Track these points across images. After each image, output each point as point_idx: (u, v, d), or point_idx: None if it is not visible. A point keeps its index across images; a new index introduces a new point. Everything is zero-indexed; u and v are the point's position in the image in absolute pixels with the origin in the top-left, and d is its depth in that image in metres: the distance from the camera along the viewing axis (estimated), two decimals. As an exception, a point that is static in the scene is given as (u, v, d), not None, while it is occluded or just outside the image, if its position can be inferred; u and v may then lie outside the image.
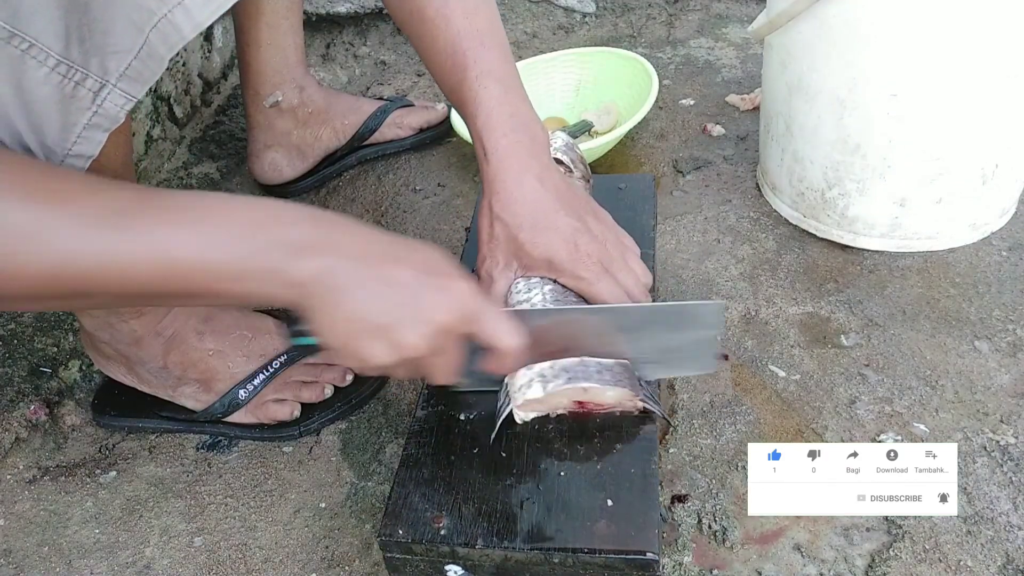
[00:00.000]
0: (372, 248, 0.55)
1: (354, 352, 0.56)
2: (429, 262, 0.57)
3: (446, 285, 0.56)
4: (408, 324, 0.55)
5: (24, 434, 0.86)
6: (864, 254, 0.94)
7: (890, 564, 0.65)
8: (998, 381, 0.78)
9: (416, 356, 0.56)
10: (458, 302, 0.56)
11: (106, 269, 0.49)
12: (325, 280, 0.53)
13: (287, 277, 0.52)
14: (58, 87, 0.51)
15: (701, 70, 1.33)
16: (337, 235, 0.55)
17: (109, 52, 0.52)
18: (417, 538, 0.59)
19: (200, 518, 0.78)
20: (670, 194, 1.07)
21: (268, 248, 0.52)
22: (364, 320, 0.54)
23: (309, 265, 0.52)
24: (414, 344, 0.55)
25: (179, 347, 0.81)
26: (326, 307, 0.54)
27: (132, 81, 0.54)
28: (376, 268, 0.54)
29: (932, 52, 0.80)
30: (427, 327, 0.55)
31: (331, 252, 0.53)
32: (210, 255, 0.51)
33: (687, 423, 0.78)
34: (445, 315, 0.55)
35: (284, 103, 1.12)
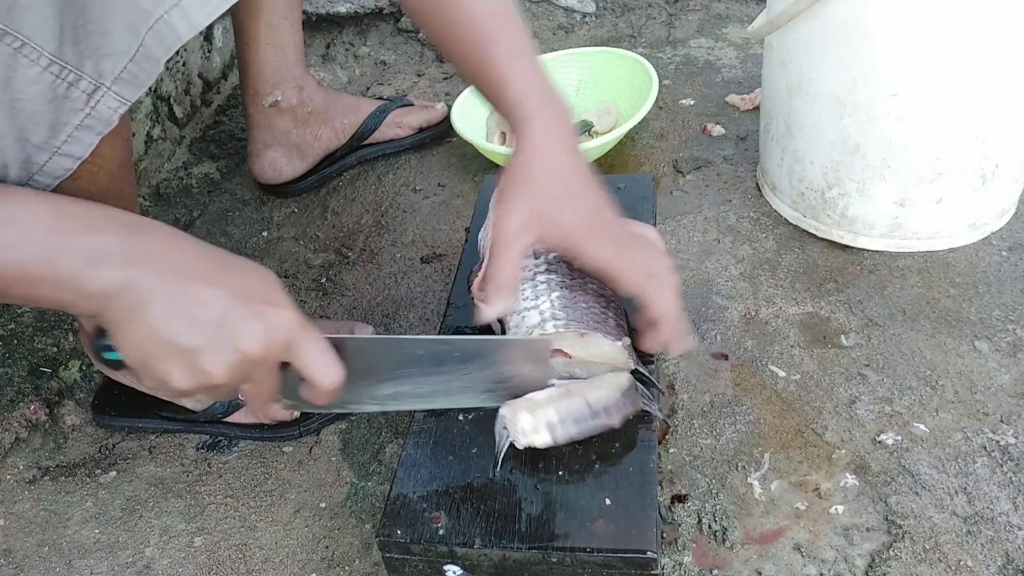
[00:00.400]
0: (186, 264, 0.52)
1: (152, 374, 0.53)
2: (248, 285, 0.53)
3: (261, 312, 0.52)
4: (212, 351, 0.51)
5: (24, 434, 0.87)
6: (864, 254, 0.94)
7: (890, 564, 0.65)
8: (998, 381, 0.78)
9: (220, 384, 0.53)
10: (271, 332, 0.52)
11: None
12: (126, 294, 0.50)
13: (82, 288, 0.49)
14: (50, 87, 0.51)
15: (701, 70, 1.33)
16: (149, 246, 0.52)
17: (104, 54, 0.52)
18: (416, 538, 0.59)
19: (200, 518, 0.78)
20: (670, 194, 1.07)
21: (65, 254, 0.49)
22: (165, 342, 0.51)
23: (107, 276, 0.49)
24: (216, 373, 0.52)
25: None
26: (125, 323, 0.51)
27: (127, 84, 0.54)
28: (186, 286, 0.51)
29: (932, 52, 0.80)
30: (232, 356, 0.52)
31: (137, 264, 0.50)
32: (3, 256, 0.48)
33: (687, 423, 0.78)
34: (254, 345, 0.52)
35: (283, 102, 1.12)
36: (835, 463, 0.73)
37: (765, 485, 0.72)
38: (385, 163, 1.22)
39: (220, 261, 0.54)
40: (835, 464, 0.73)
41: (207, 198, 1.20)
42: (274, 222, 1.15)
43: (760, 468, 0.74)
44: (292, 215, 1.16)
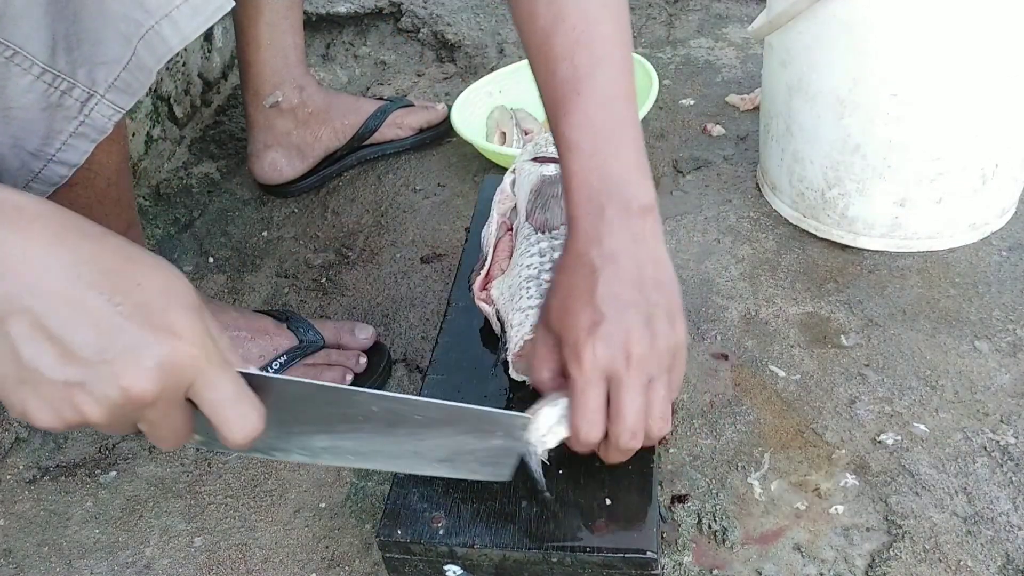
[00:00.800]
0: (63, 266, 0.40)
1: (10, 404, 0.42)
2: (147, 300, 0.41)
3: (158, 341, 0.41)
4: (86, 388, 0.40)
5: (24, 434, 0.86)
6: (864, 254, 0.94)
7: (890, 564, 0.65)
8: (998, 381, 0.78)
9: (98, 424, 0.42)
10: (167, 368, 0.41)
11: None
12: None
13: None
14: (43, 95, 0.51)
15: (701, 70, 1.33)
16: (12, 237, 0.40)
17: (98, 63, 0.52)
18: (416, 538, 0.59)
19: (200, 518, 0.78)
20: (670, 194, 1.07)
21: None
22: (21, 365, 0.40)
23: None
24: (92, 414, 0.41)
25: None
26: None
27: (120, 93, 0.54)
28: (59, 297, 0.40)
29: (932, 52, 0.80)
30: (113, 394, 0.40)
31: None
32: None
33: (687, 423, 0.78)
34: (142, 385, 0.40)
35: (284, 103, 1.12)
36: (835, 463, 0.73)
37: (765, 485, 0.72)
38: (385, 163, 1.22)
39: (114, 264, 0.42)
40: (835, 464, 0.73)
41: (207, 198, 1.20)
42: (274, 222, 1.15)
43: (760, 468, 0.74)
44: (292, 215, 1.16)
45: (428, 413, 0.53)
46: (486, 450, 0.56)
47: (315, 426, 0.53)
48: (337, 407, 0.52)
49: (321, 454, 0.55)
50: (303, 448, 0.54)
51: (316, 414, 0.52)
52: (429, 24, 1.47)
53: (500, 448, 0.57)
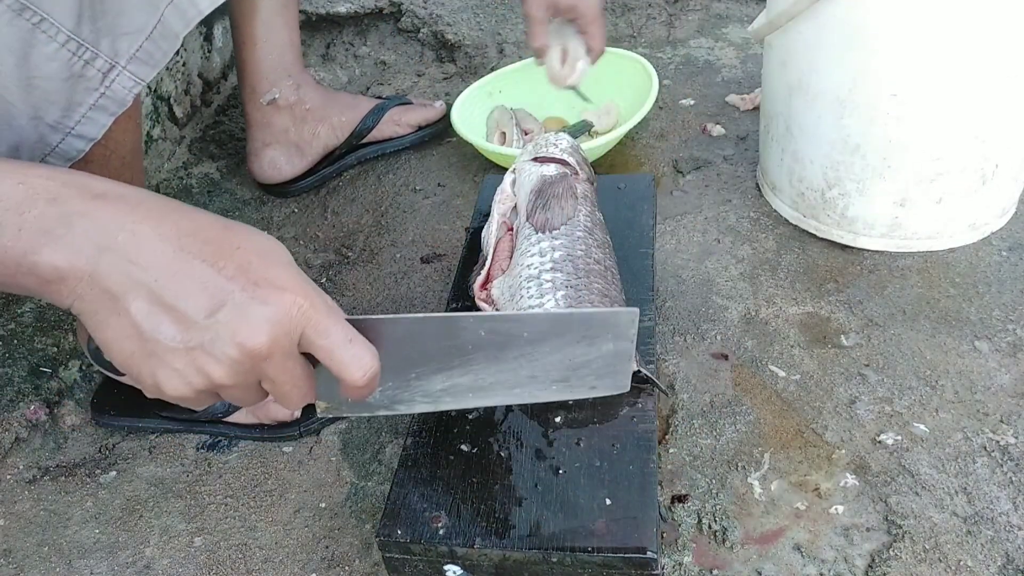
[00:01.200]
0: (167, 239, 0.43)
1: (140, 379, 0.44)
2: (247, 262, 0.44)
3: (263, 296, 0.43)
4: (205, 349, 0.43)
5: (24, 434, 0.86)
6: (864, 254, 0.94)
7: (890, 564, 0.65)
8: (998, 381, 0.78)
9: (226, 386, 0.45)
10: (277, 319, 0.43)
11: None
12: (94, 282, 0.42)
13: (37, 272, 0.41)
14: (67, 64, 0.50)
15: (701, 70, 1.33)
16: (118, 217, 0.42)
17: (121, 33, 0.52)
18: (416, 538, 0.59)
19: (200, 518, 0.78)
20: (670, 194, 1.07)
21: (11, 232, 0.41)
22: (149, 339, 0.42)
23: (69, 259, 0.41)
24: (216, 374, 0.43)
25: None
26: (100, 318, 0.43)
27: (142, 64, 0.53)
28: (169, 268, 0.42)
29: (932, 52, 0.80)
30: (233, 352, 0.43)
31: (105, 243, 0.41)
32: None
33: (687, 423, 0.78)
34: (257, 337, 0.43)
35: (281, 100, 1.12)
36: (835, 463, 0.73)
37: (765, 485, 0.72)
38: (385, 163, 1.22)
39: (212, 234, 0.44)
40: (835, 464, 0.73)
41: (207, 198, 1.20)
42: (274, 222, 1.15)
43: (760, 468, 0.74)
44: (292, 215, 1.16)
45: (535, 326, 0.53)
46: (600, 359, 0.56)
47: (429, 365, 0.53)
48: (446, 338, 0.52)
49: (442, 398, 0.55)
50: (424, 394, 0.55)
51: (427, 349, 0.52)
52: (429, 24, 1.47)
53: (612, 353, 0.56)
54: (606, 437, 0.65)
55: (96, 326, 0.43)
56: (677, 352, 0.85)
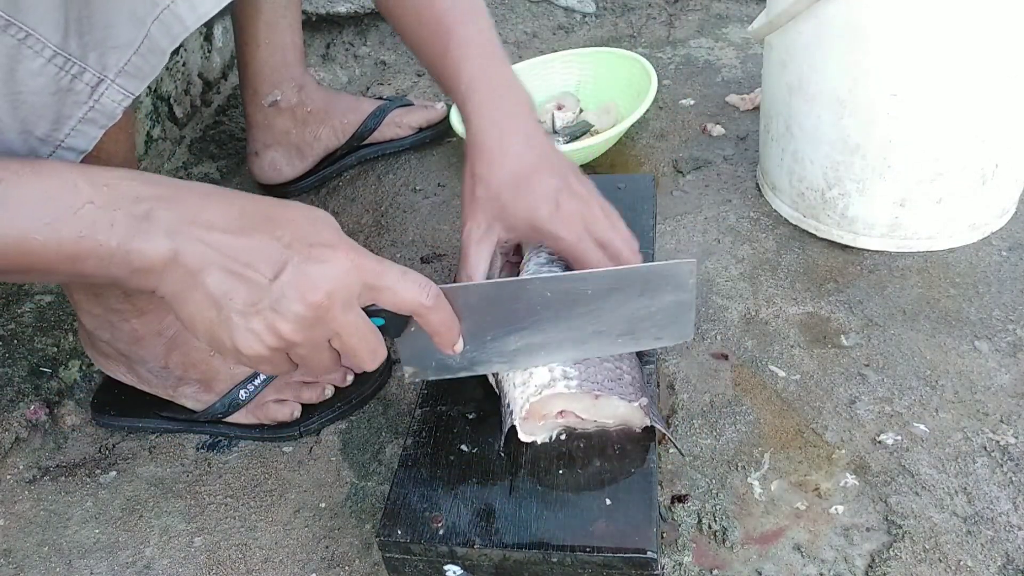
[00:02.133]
0: (230, 220, 0.49)
1: (222, 344, 0.50)
2: (301, 229, 0.50)
3: (320, 256, 0.50)
4: (274, 307, 0.49)
5: (24, 434, 0.87)
6: (864, 254, 0.94)
7: (890, 564, 0.65)
8: (998, 381, 0.78)
9: (296, 342, 0.50)
10: (336, 273, 0.50)
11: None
12: (176, 264, 0.48)
13: (130, 261, 0.47)
14: (54, 79, 0.50)
15: (701, 70, 1.33)
16: (189, 208, 0.49)
17: (109, 47, 0.52)
18: (416, 538, 0.59)
19: (200, 518, 0.78)
20: (670, 194, 1.07)
21: (106, 226, 0.46)
22: (222, 308, 0.48)
23: (152, 248, 0.47)
24: (286, 330, 0.49)
25: (181, 347, 0.81)
26: (183, 297, 0.49)
27: (131, 77, 0.54)
28: (234, 243, 0.48)
29: (932, 52, 0.80)
30: (299, 307, 0.49)
31: (181, 230, 0.48)
32: (38, 231, 0.46)
33: (687, 423, 0.78)
34: (319, 292, 0.49)
35: (283, 102, 1.12)
36: (835, 463, 0.73)
37: (765, 485, 0.72)
38: (385, 163, 1.22)
39: (265, 211, 0.51)
40: (835, 464, 0.73)
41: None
42: (274, 222, 1.15)
43: (760, 468, 0.74)
44: (292, 215, 1.16)
45: (597, 283, 0.58)
46: (662, 310, 0.60)
47: (503, 327, 0.59)
48: (516, 301, 0.58)
49: (516, 357, 0.61)
50: (500, 355, 0.60)
51: (500, 312, 0.58)
52: (429, 24, 1.46)
53: (673, 304, 0.60)
54: (606, 437, 0.65)
55: (180, 304, 0.49)
56: (677, 352, 0.85)
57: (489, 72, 0.70)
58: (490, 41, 0.72)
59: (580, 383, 0.62)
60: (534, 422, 0.64)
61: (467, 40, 0.70)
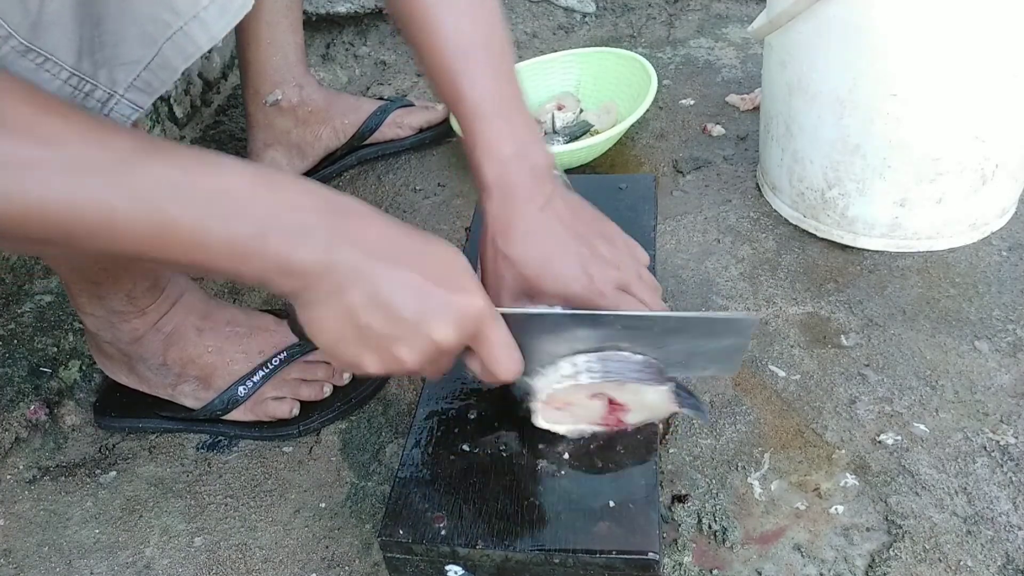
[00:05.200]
0: (385, 247, 0.52)
1: (341, 356, 0.54)
2: (441, 268, 0.54)
3: (456, 302, 0.53)
4: (406, 341, 0.52)
5: (24, 434, 0.86)
6: (864, 254, 0.94)
7: (890, 564, 0.65)
8: (998, 381, 0.78)
9: (412, 370, 0.54)
10: (464, 322, 0.53)
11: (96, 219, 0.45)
12: (328, 276, 0.50)
13: (287, 266, 0.49)
14: (68, 98, 0.52)
15: (701, 70, 1.33)
16: (351, 227, 0.51)
17: (118, 64, 0.53)
18: (417, 538, 0.59)
19: (200, 518, 0.78)
20: (670, 194, 1.07)
21: (275, 230, 0.49)
22: (358, 327, 0.52)
23: (312, 257, 0.50)
24: (409, 361, 0.53)
25: (179, 343, 0.81)
26: (323, 304, 0.51)
27: (139, 92, 0.55)
28: (385, 271, 0.51)
29: (932, 52, 0.80)
30: (427, 345, 0.53)
31: (340, 247, 0.50)
32: (210, 226, 0.47)
33: (687, 423, 0.78)
34: (448, 336, 0.53)
35: (284, 102, 1.12)
36: (835, 463, 0.73)
37: (765, 485, 0.72)
38: (385, 163, 1.22)
39: (415, 243, 0.54)
40: (835, 464, 0.73)
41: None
42: (274, 222, 1.15)
43: (760, 468, 0.74)
44: (292, 215, 1.16)
45: (666, 325, 0.62)
46: (719, 350, 0.63)
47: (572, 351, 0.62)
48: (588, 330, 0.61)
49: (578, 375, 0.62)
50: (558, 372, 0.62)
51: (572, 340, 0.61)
52: (429, 24, 1.46)
53: (731, 346, 0.63)
54: (608, 438, 0.65)
55: (315, 311, 0.52)
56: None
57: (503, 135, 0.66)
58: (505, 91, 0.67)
59: (604, 375, 0.62)
60: (554, 409, 0.64)
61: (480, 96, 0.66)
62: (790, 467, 0.73)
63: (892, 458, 0.73)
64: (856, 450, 0.74)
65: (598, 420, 0.65)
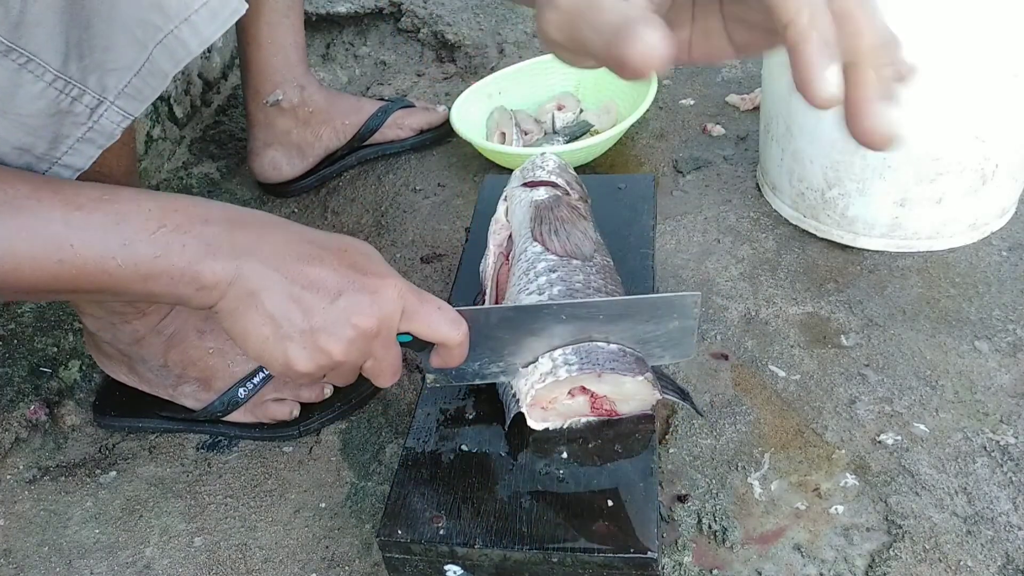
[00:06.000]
0: (291, 248, 0.53)
1: (272, 361, 0.54)
2: (354, 260, 0.55)
3: (370, 286, 0.54)
4: (327, 330, 0.53)
5: (24, 434, 0.86)
6: (864, 254, 0.94)
7: (890, 564, 0.65)
8: (998, 381, 0.78)
9: (342, 362, 0.54)
10: (383, 303, 0.54)
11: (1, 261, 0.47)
12: (239, 283, 0.51)
13: (198, 280, 0.51)
14: (54, 102, 0.51)
15: (701, 70, 1.33)
16: (254, 235, 0.53)
17: (108, 69, 0.52)
18: (416, 538, 0.59)
19: (200, 518, 0.78)
20: (670, 194, 1.07)
21: (177, 248, 0.50)
22: (279, 327, 0.52)
23: (220, 268, 0.51)
24: (336, 351, 0.53)
25: (179, 345, 0.81)
26: (241, 312, 0.52)
27: (130, 99, 0.54)
28: (294, 269, 0.52)
29: (932, 52, 0.80)
30: (350, 332, 0.53)
31: (245, 253, 0.51)
32: (114, 253, 0.49)
33: (687, 423, 0.78)
34: (369, 319, 0.54)
35: (285, 102, 1.12)
36: (835, 463, 0.73)
37: (765, 485, 0.72)
38: (385, 163, 1.22)
39: (321, 241, 0.55)
40: (835, 464, 0.73)
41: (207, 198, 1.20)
42: (274, 222, 1.15)
43: (760, 468, 0.74)
44: (292, 215, 1.16)
45: (609, 310, 0.63)
46: (667, 334, 0.64)
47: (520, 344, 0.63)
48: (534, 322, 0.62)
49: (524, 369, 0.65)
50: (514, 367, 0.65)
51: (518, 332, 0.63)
52: (429, 24, 1.47)
53: (678, 329, 0.64)
54: (607, 437, 0.65)
55: (235, 320, 0.53)
56: (677, 352, 0.85)
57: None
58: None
59: (581, 366, 0.62)
60: (540, 409, 0.64)
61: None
62: (790, 467, 0.73)
63: (892, 458, 0.73)
64: (856, 450, 0.74)
65: (587, 412, 0.66)
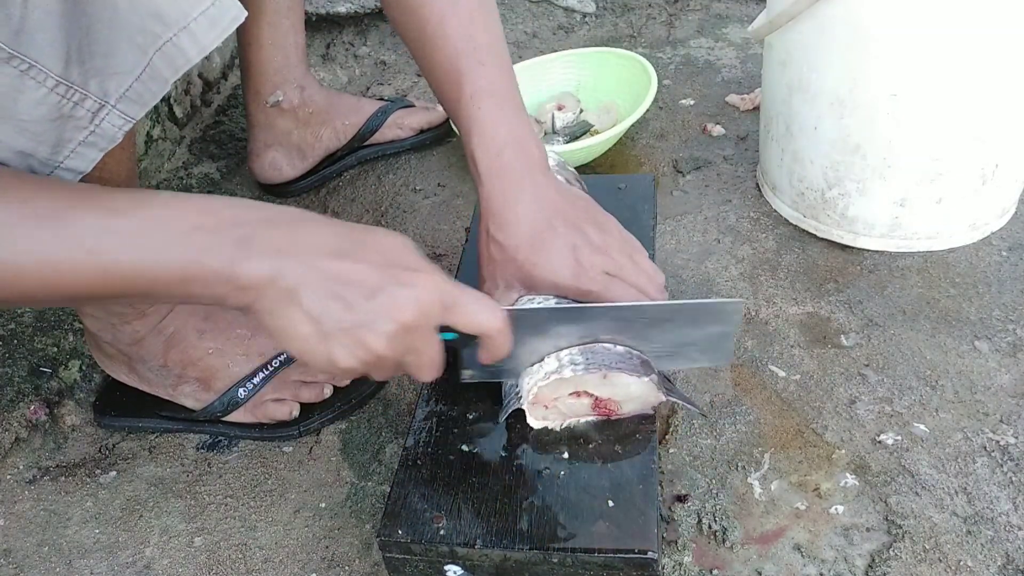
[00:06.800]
0: (327, 244, 0.53)
1: (314, 358, 0.54)
2: (390, 255, 0.54)
3: (408, 280, 0.53)
4: (368, 326, 0.52)
5: (24, 434, 0.86)
6: (864, 254, 0.94)
7: (890, 564, 0.65)
8: (998, 381, 0.78)
9: (384, 357, 0.54)
10: (422, 296, 0.54)
11: (41, 271, 0.48)
12: (277, 283, 0.51)
13: (235, 280, 0.50)
14: (56, 107, 0.51)
15: (701, 70, 1.33)
16: (289, 232, 0.52)
17: (109, 73, 0.53)
18: (416, 538, 0.59)
19: (200, 518, 0.78)
20: (670, 194, 1.07)
21: (214, 250, 0.50)
22: (320, 324, 0.52)
23: (258, 267, 0.50)
24: (377, 345, 0.53)
25: (179, 345, 0.81)
26: (279, 312, 0.52)
27: (131, 103, 0.54)
28: (331, 266, 0.52)
29: (932, 53, 0.80)
30: (390, 326, 0.53)
31: (282, 252, 0.51)
32: (151, 257, 0.49)
33: (687, 423, 0.78)
34: (408, 313, 0.53)
35: (285, 103, 1.12)
36: (835, 463, 0.73)
37: (765, 485, 0.72)
38: (385, 163, 1.22)
39: (357, 236, 0.55)
40: (835, 464, 0.73)
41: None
42: (274, 222, 1.15)
43: (760, 468, 0.74)
44: (292, 215, 1.16)
45: (655, 314, 0.63)
46: (707, 338, 0.65)
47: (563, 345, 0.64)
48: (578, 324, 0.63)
49: None
50: None
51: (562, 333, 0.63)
52: (429, 24, 1.46)
53: (719, 334, 0.64)
54: (607, 437, 0.65)
55: (275, 318, 0.52)
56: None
57: (499, 126, 0.69)
58: (503, 87, 0.70)
59: (587, 366, 0.63)
60: (542, 407, 0.65)
61: (479, 90, 0.69)
62: (790, 467, 0.73)
63: (892, 458, 0.73)
64: (856, 450, 0.74)
65: (588, 413, 0.66)
